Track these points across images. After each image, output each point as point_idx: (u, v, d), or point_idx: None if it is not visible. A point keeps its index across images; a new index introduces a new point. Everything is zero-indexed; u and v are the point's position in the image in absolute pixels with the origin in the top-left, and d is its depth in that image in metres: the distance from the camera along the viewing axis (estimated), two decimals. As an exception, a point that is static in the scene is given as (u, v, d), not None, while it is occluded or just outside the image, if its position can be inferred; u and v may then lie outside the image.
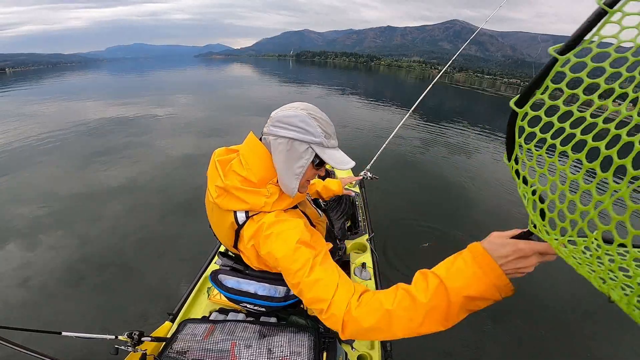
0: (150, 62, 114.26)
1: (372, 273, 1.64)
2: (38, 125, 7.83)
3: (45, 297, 2.41)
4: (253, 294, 0.93)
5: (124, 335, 0.92)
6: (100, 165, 5.04)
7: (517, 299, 2.44)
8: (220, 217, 0.82)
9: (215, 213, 0.84)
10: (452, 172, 5.36)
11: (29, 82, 24.24)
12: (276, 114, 0.77)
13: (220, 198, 0.77)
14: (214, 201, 0.78)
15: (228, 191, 0.76)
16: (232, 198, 0.76)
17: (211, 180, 0.81)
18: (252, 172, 0.77)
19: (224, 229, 0.82)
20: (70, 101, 12.38)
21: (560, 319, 2.38)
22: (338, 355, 0.92)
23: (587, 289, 2.76)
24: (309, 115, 0.75)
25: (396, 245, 3.14)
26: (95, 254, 2.91)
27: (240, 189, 0.75)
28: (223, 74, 34.47)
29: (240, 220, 0.77)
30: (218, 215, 0.83)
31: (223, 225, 0.82)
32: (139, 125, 7.86)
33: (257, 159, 0.77)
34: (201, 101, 12.54)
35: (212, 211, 0.87)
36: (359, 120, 9.19)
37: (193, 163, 5.22)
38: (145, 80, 24.31)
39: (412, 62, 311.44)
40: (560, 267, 2.36)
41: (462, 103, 18.22)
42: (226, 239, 0.85)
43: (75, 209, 3.72)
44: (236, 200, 0.76)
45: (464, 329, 2.23)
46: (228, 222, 0.79)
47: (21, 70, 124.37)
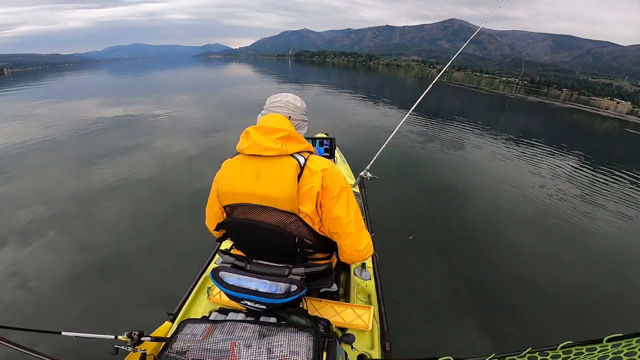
0: (149, 62, 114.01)
1: (372, 273, 1.63)
2: (37, 126, 7.81)
3: (45, 298, 2.41)
4: (254, 290, 0.93)
5: (123, 335, 0.91)
6: (99, 166, 5.04)
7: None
8: (281, 168, 0.90)
9: (270, 173, 0.90)
10: (452, 171, 5.37)
11: (27, 83, 24.17)
12: (301, 104, 1.08)
13: (285, 145, 0.91)
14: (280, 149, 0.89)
15: (292, 136, 0.93)
16: (294, 141, 0.93)
17: (263, 141, 0.90)
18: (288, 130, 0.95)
19: (286, 178, 0.89)
20: (69, 102, 12.35)
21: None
22: (338, 355, 0.92)
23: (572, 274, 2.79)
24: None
25: (396, 245, 3.14)
26: (95, 255, 2.91)
27: (296, 133, 0.97)
28: (222, 73, 34.43)
29: (302, 161, 0.92)
30: (276, 172, 0.90)
31: (285, 174, 0.89)
32: (138, 126, 7.85)
33: (289, 125, 0.98)
34: (200, 101, 12.52)
35: (259, 177, 0.91)
36: (359, 119, 9.19)
37: (193, 163, 5.22)
38: (143, 81, 24.27)
39: (410, 61, 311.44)
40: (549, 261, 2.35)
41: (461, 101, 18.22)
42: (288, 187, 0.89)
43: (74, 209, 3.71)
44: (298, 142, 0.95)
45: (466, 330, 2.23)
46: (292, 167, 0.90)
47: (19, 71, 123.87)
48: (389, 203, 3.98)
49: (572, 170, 6.24)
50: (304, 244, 0.96)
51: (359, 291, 1.52)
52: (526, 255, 3.19)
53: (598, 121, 19.36)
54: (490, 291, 2.65)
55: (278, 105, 1.04)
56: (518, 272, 2.90)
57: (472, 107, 16.43)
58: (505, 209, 4.17)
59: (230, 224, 1.01)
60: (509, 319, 2.34)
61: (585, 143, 10.52)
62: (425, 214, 3.87)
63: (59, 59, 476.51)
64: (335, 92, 16.53)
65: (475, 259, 3.06)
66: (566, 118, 18.23)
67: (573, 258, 3.26)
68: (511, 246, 3.33)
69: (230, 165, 0.97)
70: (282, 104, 1.05)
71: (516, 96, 30.42)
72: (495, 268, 2.95)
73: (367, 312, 1.26)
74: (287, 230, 0.94)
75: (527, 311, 2.41)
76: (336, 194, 0.93)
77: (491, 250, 3.22)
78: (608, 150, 9.43)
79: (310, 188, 0.90)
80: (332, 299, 1.36)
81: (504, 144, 7.81)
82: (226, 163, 0.99)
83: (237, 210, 0.97)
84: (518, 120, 13.41)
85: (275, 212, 0.92)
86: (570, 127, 14.68)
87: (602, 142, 11.81)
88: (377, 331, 1.29)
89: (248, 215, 0.96)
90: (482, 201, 4.37)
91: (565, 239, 3.63)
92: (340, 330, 1.23)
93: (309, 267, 1.02)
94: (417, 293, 2.56)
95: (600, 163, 7.16)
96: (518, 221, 3.89)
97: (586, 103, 43.57)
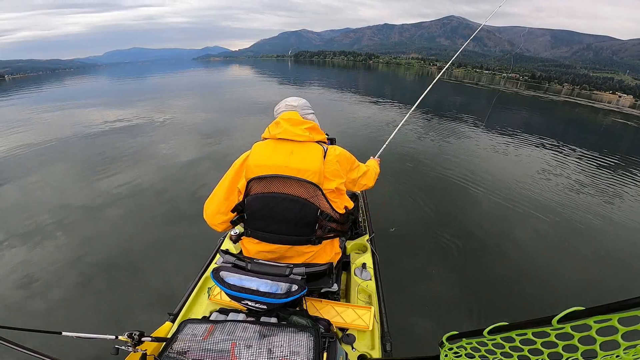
0: (149, 66, 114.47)
1: (373, 273, 1.63)
2: (40, 132, 7.88)
3: (46, 298, 2.43)
4: (255, 290, 0.93)
5: (124, 336, 0.92)
6: (101, 170, 5.06)
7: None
8: (309, 151, 1.09)
9: (302, 152, 1.08)
10: (453, 170, 5.36)
11: (29, 89, 24.34)
12: (298, 104, 1.27)
13: (312, 134, 1.13)
14: (308, 136, 1.11)
15: (315, 128, 1.16)
16: (317, 132, 1.16)
17: (294, 129, 1.10)
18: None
19: (315, 156, 1.08)
20: (72, 107, 12.42)
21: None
22: (338, 355, 0.92)
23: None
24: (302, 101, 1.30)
25: (397, 246, 3.14)
26: (96, 256, 2.93)
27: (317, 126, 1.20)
28: (222, 76, 34.48)
29: (325, 148, 1.13)
30: (306, 152, 1.08)
31: (315, 154, 1.08)
32: (140, 130, 7.88)
33: (302, 119, 1.19)
34: (202, 104, 12.58)
35: (292, 154, 1.08)
36: (359, 119, 9.19)
37: (194, 166, 5.24)
38: (144, 85, 24.37)
39: (410, 59, 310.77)
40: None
41: (461, 98, 18.15)
42: (317, 163, 1.06)
43: (76, 212, 3.73)
44: (319, 133, 1.18)
45: (467, 329, 2.22)
46: (319, 150, 1.10)
47: (20, 77, 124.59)
48: (389, 203, 3.97)
49: (576, 165, 6.20)
50: (324, 216, 1.09)
51: (360, 291, 1.52)
52: (530, 254, 3.17)
53: (600, 115, 19.22)
54: (493, 291, 2.65)
55: (282, 106, 1.27)
56: (521, 271, 2.89)
57: (472, 103, 16.37)
58: (508, 206, 4.15)
59: (254, 199, 1.08)
60: (511, 318, 2.33)
61: (587, 137, 10.46)
62: (427, 213, 3.86)
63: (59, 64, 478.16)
64: (336, 92, 16.52)
65: (477, 258, 3.05)
66: (568, 112, 18.13)
67: (578, 255, 3.25)
68: (515, 245, 3.31)
69: (264, 144, 1.13)
70: (284, 107, 1.26)
71: (517, 92, 30.25)
72: (498, 267, 2.94)
73: (368, 313, 1.26)
74: (311, 202, 1.06)
75: (530, 310, 2.41)
76: (355, 165, 1.28)
77: (493, 249, 3.21)
78: (612, 144, 9.36)
79: (333, 169, 1.11)
80: (333, 299, 1.37)
81: (504, 139, 7.78)
82: (258, 144, 1.14)
83: (263, 182, 1.07)
84: (518, 115, 13.35)
85: (303, 184, 1.05)
86: (572, 121, 14.60)
87: (605, 135, 11.72)
88: (378, 331, 1.29)
89: (274, 188, 1.06)
90: (484, 199, 4.35)
91: (571, 235, 3.61)
92: (340, 331, 1.23)
93: (310, 267, 1.02)
94: (418, 293, 2.55)
95: (605, 156, 7.12)
96: (521, 219, 3.87)
97: (588, 97, 43.30)
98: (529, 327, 0.52)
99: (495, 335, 0.60)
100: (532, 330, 0.52)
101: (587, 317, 0.43)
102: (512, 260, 3.04)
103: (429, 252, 3.10)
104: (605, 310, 0.41)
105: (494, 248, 3.22)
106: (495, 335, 0.61)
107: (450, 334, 0.75)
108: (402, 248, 3.10)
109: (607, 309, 0.41)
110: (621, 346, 0.43)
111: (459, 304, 2.48)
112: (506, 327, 0.57)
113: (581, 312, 0.43)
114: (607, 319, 0.42)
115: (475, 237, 3.39)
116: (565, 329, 0.47)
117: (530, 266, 2.97)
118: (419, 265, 2.88)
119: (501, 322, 0.58)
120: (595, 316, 0.42)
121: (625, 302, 0.38)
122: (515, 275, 2.83)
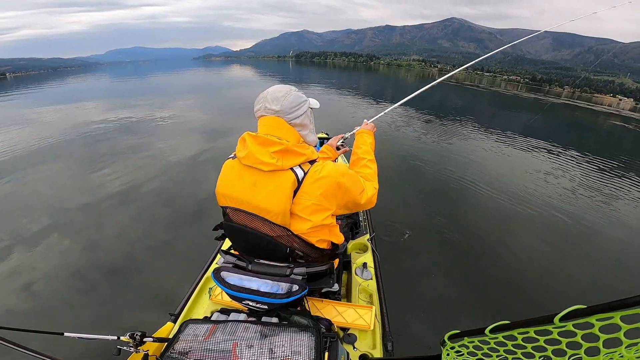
0: (151, 66, 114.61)
1: (374, 273, 1.63)
2: (41, 131, 7.88)
3: (48, 299, 2.43)
4: (256, 290, 0.93)
5: (126, 336, 0.92)
6: (103, 170, 5.06)
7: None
8: (276, 183, 0.88)
9: (266, 186, 0.89)
10: (453, 170, 5.35)
11: (30, 88, 24.37)
12: (282, 106, 0.95)
13: (281, 160, 0.87)
14: (275, 164, 0.86)
15: (289, 149, 0.88)
16: (291, 155, 0.89)
17: (259, 154, 0.87)
18: (289, 141, 0.93)
19: (282, 192, 0.87)
20: (74, 106, 12.43)
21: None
22: (340, 354, 0.92)
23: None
24: (295, 91, 1.01)
25: (398, 245, 3.14)
26: (97, 257, 2.92)
27: (297, 144, 0.92)
28: (223, 75, 34.54)
29: (300, 175, 0.88)
30: (271, 186, 0.88)
31: (281, 189, 0.87)
32: (141, 129, 7.89)
33: (287, 131, 0.96)
34: (203, 103, 12.59)
35: (255, 187, 0.90)
36: (359, 119, 9.18)
37: (196, 166, 5.24)
38: (146, 84, 24.40)
39: (411, 60, 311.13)
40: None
41: (462, 100, 18.17)
42: (283, 204, 0.88)
43: (78, 213, 3.73)
44: (296, 155, 0.89)
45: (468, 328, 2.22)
46: (289, 183, 0.87)
47: (22, 75, 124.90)
48: (390, 202, 3.97)
49: (578, 167, 6.20)
50: (295, 255, 0.98)
51: (361, 291, 1.52)
52: (530, 254, 3.17)
53: (601, 118, 19.23)
54: (495, 289, 2.64)
55: (261, 109, 0.98)
56: (523, 270, 2.89)
57: (473, 105, 16.38)
58: (508, 208, 4.15)
59: (227, 227, 1.03)
60: (513, 316, 2.32)
61: (589, 139, 10.46)
62: (427, 212, 3.86)
63: (61, 63, 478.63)
64: (337, 92, 16.54)
65: (478, 257, 3.05)
66: (568, 115, 18.13)
67: (579, 254, 3.25)
68: (516, 243, 3.31)
69: (230, 167, 0.97)
70: (264, 110, 0.98)
71: (518, 94, 30.28)
72: (499, 266, 2.94)
73: (369, 312, 1.26)
74: (279, 241, 0.95)
75: (531, 309, 2.40)
76: (340, 192, 0.95)
77: (495, 248, 3.20)
78: (612, 148, 9.36)
79: (311, 204, 0.90)
80: (334, 299, 1.36)
81: (504, 140, 7.78)
82: (226, 164, 0.98)
83: (234, 214, 0.98)
84: (520, 118, 13.35)
85: (267, 222, 0.92)
86: (572, 125, 14.60)
87: (605, 139, 11.72)
88: (379, 331, 1.29)
89: (244, 221, 0.97)
90: (485, 199, 4.35)
91: (572, 235, 3.61)
92: (342, 330, 1.23)
93: (310, 267, 1.02)
94: (420, 292, 2.55)
95: (606, 159, 7.11)
96: (522, 220, 3.87)
97: (588, 100, 43.30)
98: (530, 325, 0.53)
99: (497, 333, 0.60)
100: (534, 329, 0.53)
101: (588, 316, 0.43)
102: (514, 259, 3.04)
103: (430, 251, 3.10)
104: (607, 309, 0.41)
105: (496, 247, 3.22)
106: (497, 334, 0.61)
107: (452, 333, 0.75)
108: (403, 247, 3.10)
109: (608, 307, 0.40)
110: (623, 344, 0.43)
111: (461, 302, 2.47)
112: (508, 325, 0.57)
113: (583, 310, 0.43)
114: (609, 317, 0.42)
115: (476, 236, 3.39)
116: (568, 327, 0.47)
117: (531, 265, 2.98)
118: (420, 264, 2.88)
119: (503, 321, 0.58)
120: (597, 314, 0.42)
121: (627, 300, 0.38)
122: (516, 274, 2.83)
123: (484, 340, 0.66)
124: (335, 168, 0.94)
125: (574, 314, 0.44)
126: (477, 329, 0.65)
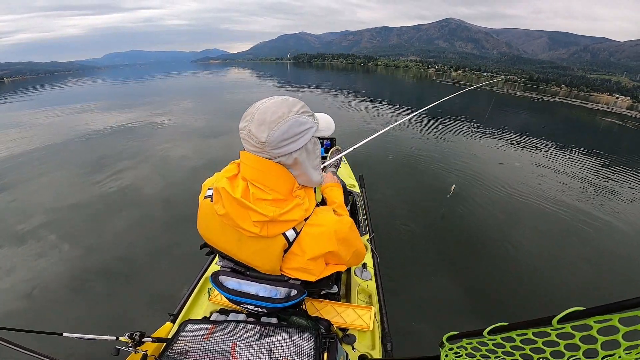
0: (148, 69, 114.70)
1: (373, 273, 1.63)
2: (40, 135, 7.87)
3: (47, 300, 2.42)
4: (254, 295, 0.92)
5: (124, 336, 0.91)
6: (102, 174, 5.06)
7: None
8: (264, 246, 0.78)
9: (250, 246, 0.80)
10: (453, 171, 5.37)
11: (28, 92, 24.32)
12: (269, 136, 0.70)
13: (265, 229, 0.74)
14: (258, 234, 0.74)
15: (275, 220, 0.73)
16: (278, 224, 0.75)
17: (239, 219, 0.73)
18: (278, 192, 0.76)
19: (270, 255, 0.79)
20: (71, 110, 12.40)
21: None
22: (339, 355, 0.92)
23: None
24: (297, 114, 0.73)
25: (397, 245, 3.14)
26: (96, 258, 2.92)
27: (285, 212, 0.73)
28: (222, 78, 34.58)
29: (292, 238, 0.77)
30: (261, 245, 0.78)
31: (269, 252, 0.79)
32: (140, 133, 7.88)
33: (276, 178, 0.75)
34: (201, 107, 12.58)
35: (240, 242, 0.80)
36: (359, 120, 9.21)
37: (194, 169, 5.24)
38: (144, 87, 24.40)
39: (409, 61, 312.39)
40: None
41: (462, 100, 18.23)
42: (271, 263, 0.81)
43: (77, 215, 3.73)
44: (283, 223, 0.75)
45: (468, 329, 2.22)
46: (278, 247, 0.77)
47: (19, 80, 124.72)
48: (390, 202, 3.98)
49: (577, 167, 6.23)
50: (293, 286, 0.93)
51: (360, 291, 1.52)
52: (530, 255, 3.17)
53: (598, 117, 19.32)
54: (493, 291, 2.64)
55: (245, 134, 0.74)
56: (522, 271, 2.89)
57: (470, 105, 16.43)
58: (507, 207, 4.16)
59: (216, 250, 0.94)
60: (511, 318, 2.32)
61: (586, 138, 10.50)
62: (427, 213, 3.87)
63: (59, 67, 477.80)
64: (335, 94, 16.58)
65: (477, 258, 3.05)
66: (566, 114, 18.21)
67: (578, 258, 3.23)
68: (515, 245, 3.31)
69: (210, 213, 0.82)
70: (247, 135, 0.74)
71: (515, 94, 30.40)
72: (498, 267, 2.94)
73: (368, 313, 1.26)
74: (273, 279, 0.90)
75: (531, 310, 2.41)
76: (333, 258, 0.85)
77: (494, 249, 3.21)
78: (610, 146, 9.40)
79: (300, 267, 0.81)
80: (333, 300, 1.36)
81: (502, 140, 7.81)
82: (205, 207, 0.84)
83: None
84: (517, 117, 13.41)
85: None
86: (570, 123, 14.67)
87: (603, 138, 11.77)
88: (378, 331, 1.29)
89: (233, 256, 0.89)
90: (484, 199, 4.36)
91: (571, 236, 3.61)
92: (341, 331, 1.23)
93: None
94: (419, 293, 2.55)
95: (605, 158, 7.14)
96: (521, 220, 3.88)
97: (585, 99, 43.53)
98: (529, 327, 0.53)
99: (495, 335, 0.61)
100: (532, 330, 0.53)
101: (587, 318, 0.43)
102: (513, 261, 3.04)
103: (430, 252, 3.10)
104: (605, 311, 0.41)
105: (495, 248, 3.23)
106: (496, 335, 0.61)
107: (451, 334, 0.75)
108: (403, 248, 3.10)
109: (606, 309, 0.41)
110: (622, 346, 0.43)
111: (460, 303, 2.47)
112: (506, 327, 0.57)
113: (581, 312, 0.43)
114: (608, 319, 0.42)
115: (475, 237, 3.39)
116: (566, 328, 0.48)
117: (530, 266, 2.98)
118: (420, 265, 2.88)
119: (501, 323, 0.58)
120: (595, 316, 0.42)
121: (625, 302, 0.38)
122: (515, 275, 2.83)
123: (482, 341, 0.66)
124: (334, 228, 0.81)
125: (572, 315, 0.44)
126: (476, 330, 0.65)
